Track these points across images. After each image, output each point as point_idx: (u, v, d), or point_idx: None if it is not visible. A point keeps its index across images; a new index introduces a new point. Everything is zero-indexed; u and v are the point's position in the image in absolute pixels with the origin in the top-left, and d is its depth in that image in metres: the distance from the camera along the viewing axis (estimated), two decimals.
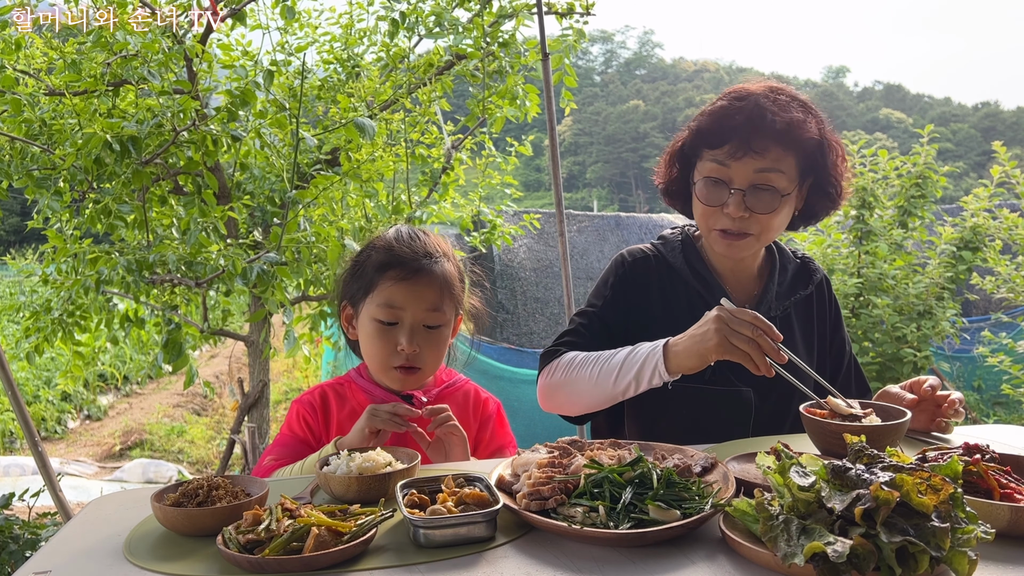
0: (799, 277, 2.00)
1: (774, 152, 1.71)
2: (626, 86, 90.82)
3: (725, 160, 1.74)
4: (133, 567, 1.10)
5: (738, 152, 1.72)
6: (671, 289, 1.92)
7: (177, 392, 10.08)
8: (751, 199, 1.72)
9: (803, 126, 1.72)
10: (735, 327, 1.51)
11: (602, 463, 1.27)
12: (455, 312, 1.80)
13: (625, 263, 1.96)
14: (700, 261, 1.93)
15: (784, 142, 1.71)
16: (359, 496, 1.27)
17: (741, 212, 1.72)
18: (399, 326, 1.71)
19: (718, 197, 1.75)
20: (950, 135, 64.46)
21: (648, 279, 1.94)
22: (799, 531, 0.98)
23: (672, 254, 1.96)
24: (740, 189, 1.73)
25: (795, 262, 2.02)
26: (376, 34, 3.99)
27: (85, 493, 5.95)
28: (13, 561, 2.88)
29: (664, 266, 1.95)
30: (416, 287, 1.71)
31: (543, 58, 3.43)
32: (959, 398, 1.68)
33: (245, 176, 3.69)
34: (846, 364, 2.03)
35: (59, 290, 3.49)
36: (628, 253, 1.99)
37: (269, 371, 3.97)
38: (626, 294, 1.93)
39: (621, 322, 1.89)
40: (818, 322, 1.99)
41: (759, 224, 1.75)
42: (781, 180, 1.73)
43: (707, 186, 1.77)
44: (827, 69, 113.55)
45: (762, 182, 1.72)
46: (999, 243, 5.68)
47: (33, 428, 3.16)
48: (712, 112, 1.78)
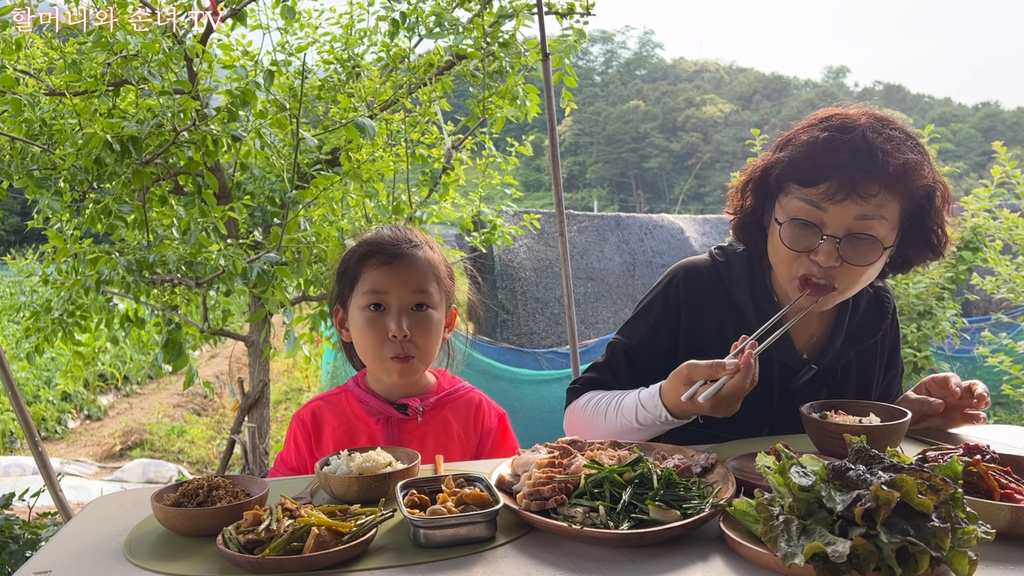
0: (872, 313, 1.77)
1: (880, 197, 1.48)
2: (626, 86, 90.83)
3: (820, 202, 1.50)
4: (133, 567, 1.10)
5: (838, 195, 1.48)
6: (731, 322, 1.72)
7: (177, 392, 10.08)
8: (846, 249, 1.50)
9: (919, 171, 1.49)
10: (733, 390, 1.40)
11: (602, 463, 1.27)
12: (445, 300, 1.77)
13: (676, 288, 1.76)
14: (771, 301, 1.71)
15: (895, 188, 1.48)
16: (359, 496, 1.27)
17: (833, 262, 1.50)
18: (387, 312, 1.69)
19: (808, 243, 1.52)
20: (950, 135, 64.42)
21: (704, 300, 1.74)
22: (799, 531, 0.98)
23: (735, 268, 1.75)
24: (835, 236, 1.50)
25: (870, 297, 1.78)
26: (376, 34, 3.99)
27: (85, 493, 5.95)
28: (13, 561, 2.88)
29: (723, 293, 1.75)
30: (399, 269, 1.70)
31: (543, 58, 3.42)
32: (985, 389, 1.61)
33: (245, 176, 3.69)
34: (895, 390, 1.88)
35: (59, 290, 3.49)
36: (684, 271, 1.78)
37: (269, 371, 3.97)
38: (670, 326, 1.74)
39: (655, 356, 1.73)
40: (879, 360, 1.81)
41: (848, 276, 1.53)
42: (883, 228, 1.50)
43: (794, 228, 1.54)
44: (827, 69, 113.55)
45: (862, 231, 1.49)
46: (999, 243, 5.68)
47: (33, 428, 3.16)
48: (810, 144, 1.53)
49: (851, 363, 1.77)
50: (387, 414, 1.74)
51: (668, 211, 39.79)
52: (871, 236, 1.50)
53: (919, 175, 1.49)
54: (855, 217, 1.49)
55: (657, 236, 10.02)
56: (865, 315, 1.77)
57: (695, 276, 1.77)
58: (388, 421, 1.74)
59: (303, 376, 10.54)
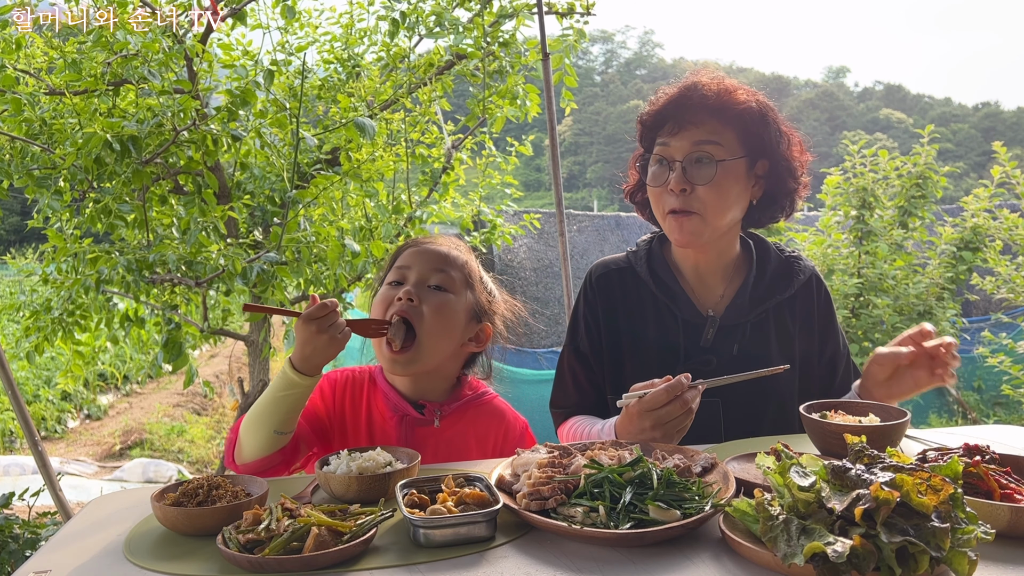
0: (780, 278, 1.89)
1: (711, 124, 1.73)
2: (626, 86, 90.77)
3: (667, 140, 1.76)
4: (133, 567, 1.10)
5: (675, 128, 1.75)
6: (637, 300, 1.88)
7: (177, 392, 10.08)
8: (691, 172, 1.72)
9: (735, 94, 1.74)
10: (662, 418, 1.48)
11: (602, 463, 1.27)
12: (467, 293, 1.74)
13: (588, 285, 1.94)
14: (666, 267, 1.88)
15: (720, 113, 1.73)
16: (359, 496, 1.27)
17: (682, 184, 1.72)
18: (404, 284, 1.70)
19: (663, 177, 1.76)
20: (950, 135, 64.41)
21: (612, 294, 1.90)
22: (799, 531, 0.98)
23: (639, 263, 1.91)
24: (679, 161, 1.73)
25: (780, 261, 1.91)
26: (376, 34, 3.99)
27: (85, 493, 5.95)
28: (13, 561, 2.88)
29: (632, 277, 1.91)
30: (426, 251, 1.74)
31: (543, 58, 3.43)
32: (952, 342, 1.62)
33: (245, 176, 3.69)
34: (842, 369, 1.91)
35: (59, 289, 3.49)
36: (593, 270, 1.96)
37: (269, 371, 3.97)
38: (595, 318, 1.89)
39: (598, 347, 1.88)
40: (801, 324, 1.88)
41: (701, 201, 1.72)
42: (720, 152, 1.72)
43: (653, 169, 1.79)
44: (827, 69, 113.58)
45: (699, 153, 1.72)
46: (999, 243, 5.69)
47: (33, 427, 3.16)
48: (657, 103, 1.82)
49: (768, 322, 1.85)
50: (403, 412, 1.71)
51: None
52: (708, 155, 1.72)
53: (736, 99, 1.73)
54: (693, 143, 1.73)
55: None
56: (774, 279, 1.88)
57: (602, 272, 1.94)
58: (402, 420, 1.71)
59: None
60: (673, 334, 1.83)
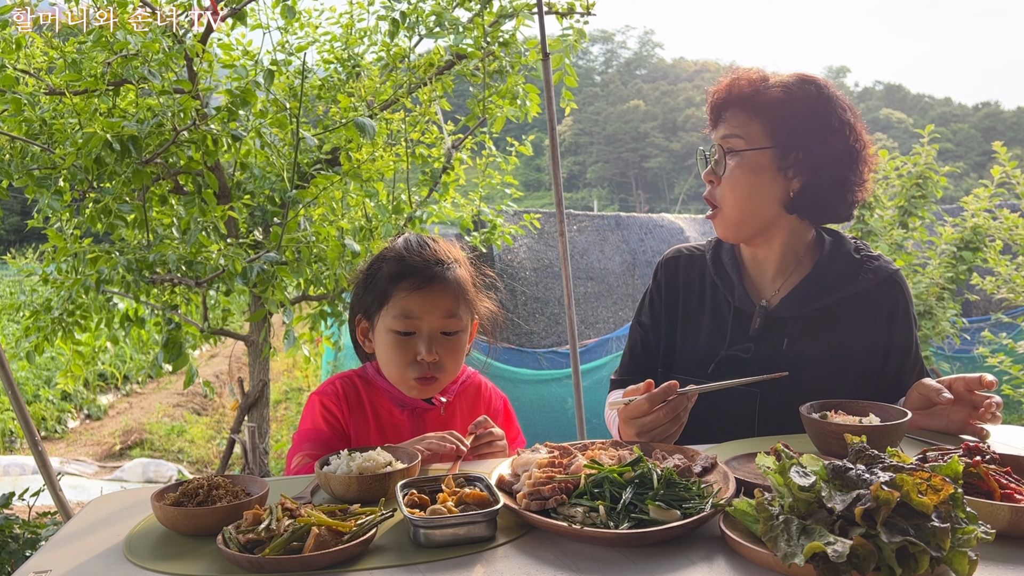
0: (845, 276, 1.80)
1: (740, 117, 1.75)
2: (626, 86, 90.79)
3: (710, 134, 1.83)
4: (133, 567, 1.10)
5: (714, 123, 1.81)
6: (699, 285, 1.94)
7: (177, 392, 10.08)
8: (718, 164, 1.77)
9: (766, 85, 1.74)
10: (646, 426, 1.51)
11: (602, 463, 1.27)
12: (471, 317, 1.79)
13: (660, 265, 2.02)
14: (731, 256, 1.91)
15: (749, 106, 1.74)
16: (359, 496, 1.27)
17: (709, 178, 1.78)
18: (417, 336, 1.70)
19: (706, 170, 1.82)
20: (950, 135, 64.41)
21: (676, 277, 1.97)
22: (799, 531, 0.98)
23: (709, 250, 1.97)
24: (712, 155, 1.79)
25: (850, 259, 1.82)
26: (376, 34, 3.99)
27: (85, 493, 5.95)
28: (13, 561, 2.88)
29: (700, 262, 1.97)
30: (431, 295, 1.70)
31: (543, 58, 3.42)
32: (998, 402, 1.56)
33: (245, 176, 3.69)
34: (908, 383, 1.70)
35: (59, 289, 3.49)
36: (667, 253, 2.03)
37: (269, 371, 3.97)
38: (659, 295, 1.98)
39: (657, 323, 1.96)
40: (867, 326, 1.78)
41: (723, 193, 1.77)
42: (739, 144, 1.74)
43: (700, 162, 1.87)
44: (827, 69, 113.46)
45: (724, 146, 1.76)
46: (999, 243, 5.68)
47: (33, 427, 3.16)
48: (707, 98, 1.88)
49: (825, 319, 1.78)
50: (412, 405, 1.77)
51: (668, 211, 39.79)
52: (730, 148, 1.75)
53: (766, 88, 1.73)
54: (721, 138, 1.78)
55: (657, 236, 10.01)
56: (838, 275, 1.80)
57: (670, 256, 2.01)
58: (413, 412, 1.77)
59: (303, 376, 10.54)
60: (724, 320, 1.86)
